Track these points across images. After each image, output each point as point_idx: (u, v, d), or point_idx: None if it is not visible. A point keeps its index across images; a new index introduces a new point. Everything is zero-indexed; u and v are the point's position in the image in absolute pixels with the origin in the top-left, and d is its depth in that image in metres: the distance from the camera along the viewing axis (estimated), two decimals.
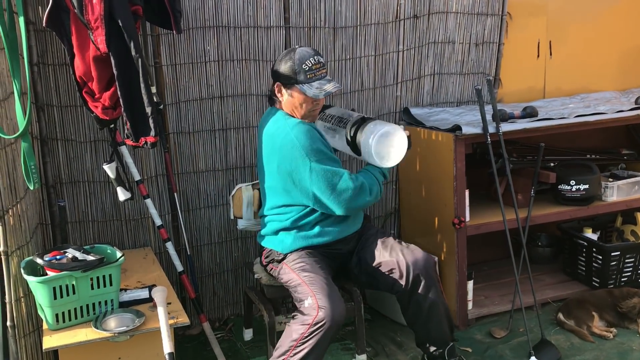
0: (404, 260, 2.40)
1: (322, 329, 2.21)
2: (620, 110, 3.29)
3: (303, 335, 2.23)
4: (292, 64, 2.35)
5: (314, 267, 2.39)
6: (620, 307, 3.01)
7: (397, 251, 2.45)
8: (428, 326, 2.45)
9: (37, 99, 2.72)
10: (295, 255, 2.45)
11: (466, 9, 3.44)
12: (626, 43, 3.94)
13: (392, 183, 3.48)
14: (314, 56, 2.37)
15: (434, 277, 2.43)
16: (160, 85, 2.94)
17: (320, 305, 2.24)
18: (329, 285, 2.32)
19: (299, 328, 2.24)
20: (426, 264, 2.42)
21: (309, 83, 2.35)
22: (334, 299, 2.27)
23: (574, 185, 3.28)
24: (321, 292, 2.28)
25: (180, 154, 3.06)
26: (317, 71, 2.36)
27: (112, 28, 2.22)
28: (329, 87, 2.37)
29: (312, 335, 2.22)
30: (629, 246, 3.35)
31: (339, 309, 2.25)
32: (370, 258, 2.48)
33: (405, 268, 2.39)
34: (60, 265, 2.15)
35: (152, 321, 2.19)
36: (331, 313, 2.22)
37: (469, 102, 3.58)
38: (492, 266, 3.71)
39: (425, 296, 2.40)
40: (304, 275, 2.36)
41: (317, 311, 2.23)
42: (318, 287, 2.30)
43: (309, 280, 2.33)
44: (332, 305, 2.24)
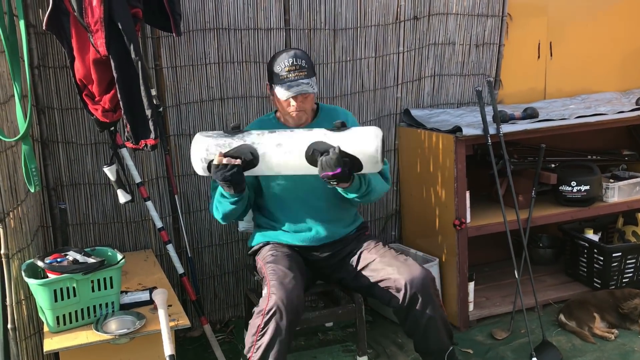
0: (401, 278, 2.32)
1: (274, 316, 2.13)
2: (621, 111, 3.29)
3: (259, 327, 2.16)
4: (272, 64, 2.41)
5: (278, 258, 2.37)
6: (622, 308, 3.00)
7: (394, 267, 2.36)
8: (426, 339, 2.39)
9: (37, 102, 2.72)
10: (267, 249, 2.48)
11: (466, 10, 3.44)
12: (627, 44, 3.93)
13: (393, 184, 3.48)
14: (292, 58, 2.36)
15: (431, 293, 2.33)
16: (160, 88, 2.95)
17: (272, 292, 2.18)
18: (285, 273, 2.26)
19: (256, 321, 2.18)
20: (423, 281, 2.32)
21: (280, 84, 2.36)
22: (285, 284, 2.20)
23: (575, 186, 3.28)
24: (276, 279, 2.23)
25: (181, 156, 3.06)
26: (290, 73, 2.34)
27: (112, 31, 2.22)
28: (296, 89, 2.34)
29: (268, 325, 2.14)
30: (631, 247, 3.34)
31: (292, 293, 2.17)
32: (367, 273, 2.43)
33: (403, 286, 2.31)
34: (61, 268, 2.15)
35: (152, 323, 2.18)
36: (282, 297, 2.14)
37: (469, 104, 3.58)
38: (493, 267, 3.71)
39: (422, 312, 2.32)
40: (267, 266, 2.34)
41: (268, 299, 2.17)
42: (274, 275, 2.25)
43: (269, 271, 2.30)
44: (283, 289, 2.17)
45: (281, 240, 2.51)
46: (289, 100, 2.37)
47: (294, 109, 2.39)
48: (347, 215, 2.58)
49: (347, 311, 2.54)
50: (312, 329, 3.14)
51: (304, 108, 2.42)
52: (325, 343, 3.06)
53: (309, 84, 2.35)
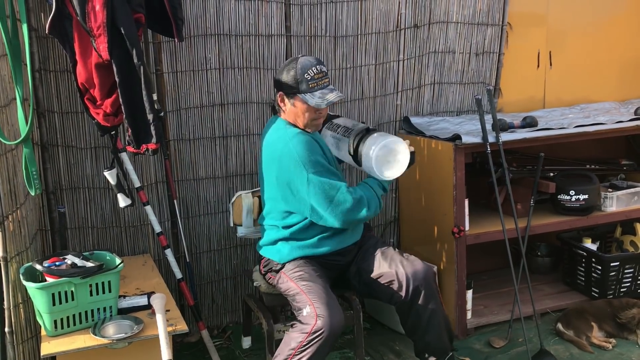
0: (403, 272, 2.39)
1: (320, 338, 2.21)
2: (620, 121, 3.30)
3: (302, 344, 2.22)
4: (294, 73, 2.34)
5: (312, 276, 2.38)
6: (620, 318, 3.00)
7: (396, 262, 2.43)
8: (427, 337, 2.44)
9: (38, 105, 2.73)
10: (293, 265, 2.45)
11: (467, 19, 3.46)
12: (626, 54, 3.95)
13: (391, 192, 3.48)
14: (317, 65, 2.36)
15: (433, 288, 2.42)
16: (161, 93, 2.95)
17: (318, 314, 2.24)
18: (327, 294, 2.32)
19: (298, 336, 2.24)
20: (426, 275, 2.40)
21: (311, 92, 2.34)
22: (332, 307, 2.26)
23: (573, 195, 3.28)
24: (319, 301, 2.27)
25: (180, 161, 3.07)
26: (320, 80, 2.35)
27: (114, 35, 2.23)
28: (332, 96, 2.36)
29: (311, 344, 2.21)
30: (628, 257, 3.35)
31: (337, 318, 2.25)
32: (370, 269, 2.47)
33: (405, 280, 2.37)
34: (59, 272, 2.14)
35: (150, 328, 2.18)
36: (329, 322, 2.22)
37: (469, 112, 3.59)
38: (491, 276, 3.71)
39: (424, 307, 2.38)
40: (302, 284, 2.35)
41: (316, 320, 2.23)
42: (316, 295, 2.30)
43: (307, 289, 2.33)
44: (330, 314, 2.23)
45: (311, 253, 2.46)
46: (318, 108, 2.37)
47: (321, 116, 2.43)
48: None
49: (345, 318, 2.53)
50: None
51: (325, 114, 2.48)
52: None
53: (337, 89, 2.38)
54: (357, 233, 2.57)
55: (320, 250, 2.47)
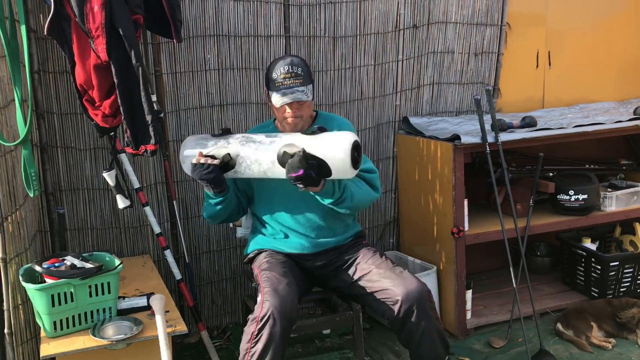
0: (397, 292, 2.29)
1: (268, 322, 2.12)
2: (619, 121, 3.30)
3: (253, 334, 2.15)
4: (269, 71, 2.41)
5: (273, 265, 2.36)
6: (619, 318, 3.00)
7: (390, 279, 2.34)
8: (420, 350, 2.35)
9: (37, 107, 2.73)
10: (263, 255, 2.47)
11: (465, 19, 3.46)
12: (625, 54, 3.96)
13: (391, 192, 3.49)
14: (287, 65, 2.36)
15: (427, 307, 2.30)
16: (160, 94, 2.95)
17: (265, 299, 2.17)
18: (278, 280, 2.25)
19: (250, 328, 2.17)
20: (419, 296, 2.29)
21: (276, 91, 2.36)
22: (279, 291, 2.19)
23: (572, 195, 3.28)
24: (269, 287, 2.22)
25: (179, 162, 3.06)
26: (285, 80, 2.35)
27: (112, 37, 2.23)
28: (290, 96, 2.34)
29: (262, 333, 2.13)
30: (628, 256, 3.35)
31: (285, 300, 2.16)
32: (363, 284, 2.41)
33: (397, 299, 2.28)
34: (58, 273, 2.14)
35: (150, 329, 2.18)
36: (276, 303, 2.13)
37: (468, 112, 3.59)
38: (490, 276, 3.71)
39: (417, 325, 2.29)
40: (262, 274, 2.33)
41: (261, 306, 2.16)
42: (268, 282, 2.25)
43: (264, 278, 2.29)
44: (277, 297, 2.16)
45: (275, 248, 2.50)
46: (284, 107, 2.38)
47: (289, 116, 2.39)
48: (341, 224, 2.54)
49: (344, 318, 2.53)
50: (309, 336, 3.13)
51: (300, 115, 2.41)
52: (323, 350, 3.05)
53: (304, 91, 2.35)
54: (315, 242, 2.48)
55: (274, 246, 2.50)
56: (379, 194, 2.50)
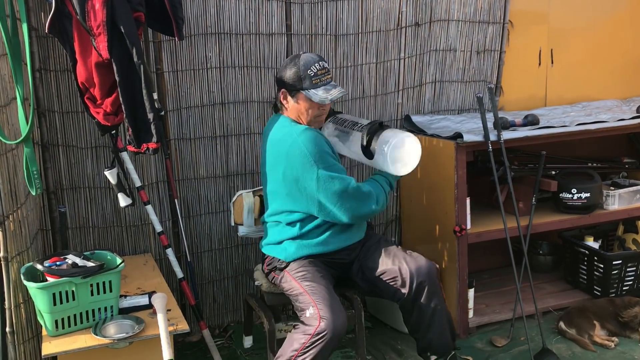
0: (407, 268, 2.40)
1: (323, 340, 2.20)
2: (622, 119, 3.29)
3: (304, 345, 2.22)
4: (297, 70, 2.35)
5: (316, 277, 2.38)
6: (622, 317, 3.00)
7: (399, 259, 2.44)
8: (429, 334, 2.44)
9: (38, 105, 2.72)
10: (297, 264, 2.44)
11: (468, 16, 3.45)
12: (627, 52, 3.94)
13: (393, 190, 3.47)
14: (319, 62, 2.37)
15: (437, 284, 2.43)
16: (161, 92, 2.95)
17: (322, 315, 2.23)
18: (330, 295, 2.31)
19: (301, 338, 2.24)
20: (429, 271, 2.41)
21: (314, 89, 2.35)
22: (335, 309, 2.26)
23: (575, 194, 3.28)
24: (323, 303, 2.27)
25: (181, 160, 3.06)
26: (322, 76, 2.36)
27: (114, 34, 2.22)
28: (335, 92, 2.37)
29: (314, 346, 2.21)
30: (631, 255, 3.34)
31: (340, 320, 2.25)
32: (373, 266, 2.47)
33: (409, 276, 2.38)
34: (60, 272, 2.14)
35: (151, 328, 2.18)
36: (332, 324, 2.21)
37: (470, 110, 3.58)
38: (493, 274, 3.70)
39: (427, 304, 2.39)
40: (306, 284, 2.35)
41: (319, 321, 2.22)
42: (320, 297, 2.29)
43: (310, 290, 2.32)
44: (333, 316, 2.23)
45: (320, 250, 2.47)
46: (322, 104, 2.38)
47: (323, 112, 2.44)
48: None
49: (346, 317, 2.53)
50: None
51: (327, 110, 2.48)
52: None
53: (339, 85, 2.38)
54: (362, 231, 2.57)
55: (327, 248, 2.47)
56: None
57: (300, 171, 2.34)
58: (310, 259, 2.46)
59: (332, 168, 2.35)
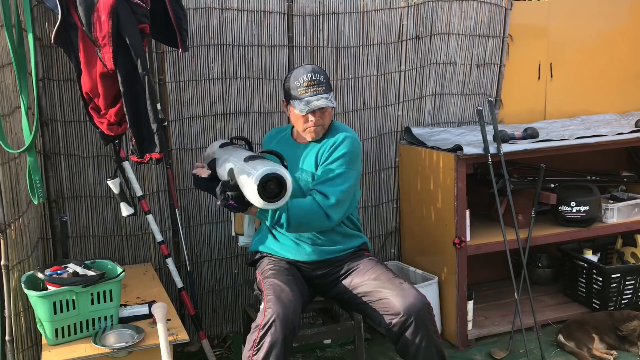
0: (396, 303, 2.27)
1: (271, 330, 2.11)
2: (621, 133, 3.31)
3: (255, 342, 2.14)
4: (288, 81, 2.44)
5: (277, 273, 2.36)
6: (621, 330, 3.00)
7: (390, 290, 2.32)
8: None
9: (41, 114, 2.74)
10: (266, 261, 2.49)
11: (468, 30, 3.48)
12: (626, 66, 3.97)
13: (392, 202, 3.49)
14: (308, 74, 2.39)
15: (426, 320, 2.27)
16: (163, 102, 2.96)
17: (267, 306, 2.16)
18: (281, 287, 2.25)
19: (252, 336, 2.16)
20: (419, 308, 2.25)
21: (298, 99, 2.38)
22: (282, 298, 2.18)
23: (574, 207, 3.29)
24: (272, 294, 2.21)
25: (182, 170, 3.07)
26: (308, 88, 2.36)
27: (119, 45, 2.24)
28: (316, 103, 2.35)
29: (264, 340, 2.12)
30: (630, 268, 3.35)
31: (287, 309, 2.14)
32: (362, 291, 2.40)
33: (397, 311, 2.26)
34: (60, 280, 2.14)
35: (151, 337, 2.18)
36: (278, 311, 2.12)
37: (470, 123, 3.60)
38: (492, 286, 3.70)
39: (413, 339, 2.26)
40: (265, 281, 2.33)
41: (264, 313, 2.15)
42: (271, 290, 2.25)
43: (267, 286, 2.29)
44: (280, 304, 2.15)
45: (272, 251, 2.51)
46: (307, 115, 2.39)
47: (311, 124, 2.41)
48: (342, 235, 2.52)
49: (345, 328, 2.53)
50: (310, 346, 3.12)
51: (322, 123, 2.44)
52: None
53: (328, 98, 2.38)
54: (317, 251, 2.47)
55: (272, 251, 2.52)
56: (330, 222, 2.37)
57: None
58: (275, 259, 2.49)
59: None
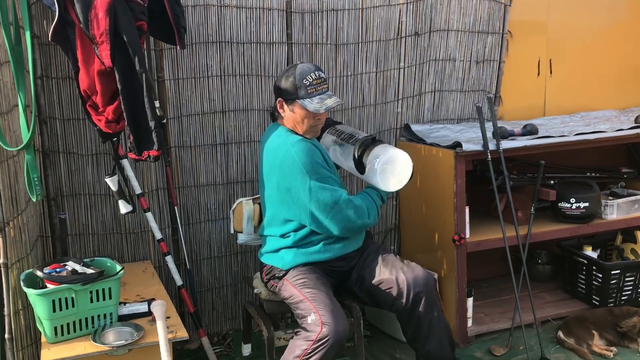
0: (404, 278, 2.39)
1: (325, 345, 2.20)
2: (620, 129, 3.31)
3: (306, 351, 2.21)
4: (293, 79, 2.37)
5: (316, 283, 2.38)
6: (620, 327, 3.00)
7: (397, 269, 2.43)
8: (428, 345, 2.42)
9: (39, 112, 2.74)
10: (296, 272, 2.45)
11: (467, 27, 3.47)
12: (626, 62, 3.97)
13: (392, 199, 3.49)
14: (315, 71, 2.39)
15: (434, 294, 2.42)
16: (162, 100, 2.96)
17: (323, 321, 2.23)
18: (331, 301, 2.32)
19: (302, 344, 2.23)
20: (427, 282, 2.40)
21: (309, 98, 2.36)
22: (337, 315, 2.26)
23: (574, 203, 3.28)
24: (324, 309, 2.27)
25: (181, 168, 3.07)
26: (318, 86, 2.37)
27: (117, 43, 2.24)
28: (330, 101, 2.38)
29: (316, 352, 2.20)
30: (629, 265, 3.34)
31: (342, 325, 2.25)
32: (371, 276, 2.47)
33: (406, 286, 2.38)
34: (60, 278, 2.14)
35: (150, 335, 2.18)
36: (334, 329, 2.21)
37: (469, 119, 3.60)
38: (492, 283, 3.70)
39: (425, 314, 2.38)
40: (306, 291, 2.35)
41: (321, 327, 2.22)
42: (321, 303, 2.29)
43: (311, 297, 2.32)
44: (335, 322, 2.23)
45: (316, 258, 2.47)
46: (317, 113, 2.38)
47: (319, 122, 2.44)
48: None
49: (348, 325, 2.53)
50: None
51: (324, 120, 2.48)
52: None
53: (335, 95, 2.39)
54: (360, 239, 2.58)
55: (324, 256, 2.47)
56: None
57: (293, 181, 2.35)
58: (309, 266, 2.46)
59: (325, 180, 2.35)
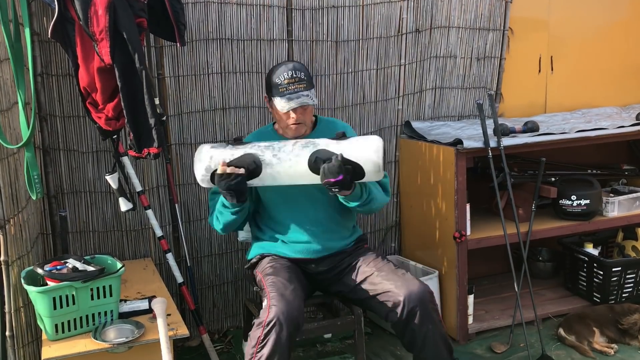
0: (399, 293, 2.30)
1: (275, 328, 2.12)
2: (621, 126, 3.30)
3: (259, 339, 2.15)
4: (269, 77, 2.41)
5: (277, 270, 2.37)
6: (621, 324, 3.00)
7: (392, 281, 2.35)
8: (424, 353, 2.35)
9: (40, 109, 2.73)
10: (266, 260, 2.47)
11: (468, 23, 3.46)
12: (627, 58, 3.96)
13: (393, 196, 3.48)
14: (291, 71, 2.36)
15: (429, 308, 2.31)
16: (162, 97, 2.96)
17: (271, 304, 2.18)
18: (284, 284, 2.26)
19: (256, 333, 2.17)
20: (422, 296, 2.29)
21: (280, 97, 2.36)
22: (286, 296, 2.20)
23: (575, 200, 3.28)
24: (275, 292, 2.22)
25: (182, 165, 3.07)
26: (290, 85, 2.34)
27: (116, 40, 2.23)
28: (293, 103, 2.34)
29: (268, 338, 2.13)
30: (630, 262, 3.34)
31: (290, 306, 2.16)
32: (365, 285, 2.41)
33: (400, 300, 2.29)
34: (60, 276, 2.14)
35: (151, 332, 2.18)
36: (282, 309, 2.14)
37: (470, 116, 3.59)
38: (492, 280, 3.70)
39: (420, 327, 2.29)
40: (267, 278, 2.34)
41: (268, 311, 2.16)
42: (274, 287, 2.25)
43: (269, 283, 2.30)
44: (283, 302, 2.17)
45: (278, 253, 2.50)
46: (288, 112, 2.37)
47: (293, 121, 2.39)
48: (345, 228, 2.56)
49: (346, 323, 2.53)
50: (310, 340, 3.13)
51: (304, 120, 2.42)
52: (324, 355, 3.05)
53: (309, 96, 2.35)
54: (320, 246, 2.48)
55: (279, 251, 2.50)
56: (389, 197, 2.52)
57: None
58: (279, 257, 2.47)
59: None
